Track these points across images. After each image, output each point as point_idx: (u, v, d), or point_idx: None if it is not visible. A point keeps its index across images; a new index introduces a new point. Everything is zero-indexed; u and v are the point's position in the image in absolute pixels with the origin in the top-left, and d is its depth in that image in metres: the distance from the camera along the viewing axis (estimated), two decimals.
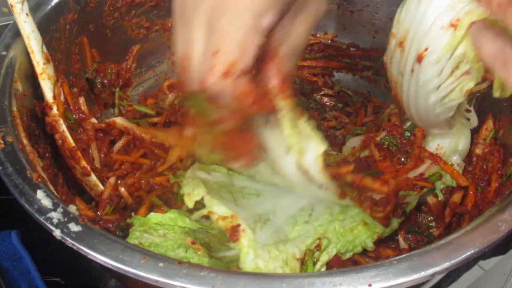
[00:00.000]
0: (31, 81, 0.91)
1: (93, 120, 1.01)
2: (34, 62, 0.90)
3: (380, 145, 0.98)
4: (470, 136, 0.93)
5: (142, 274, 0.62)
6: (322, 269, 0.80)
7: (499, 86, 0.71)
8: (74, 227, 0.67)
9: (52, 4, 0.98)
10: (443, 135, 0.91)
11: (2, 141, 0.76)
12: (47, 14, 0.97)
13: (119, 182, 0.98)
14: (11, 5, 0.88)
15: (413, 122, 0.91)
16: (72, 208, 0.70)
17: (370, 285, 0.60)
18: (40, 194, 0.70)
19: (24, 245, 0.82)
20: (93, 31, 1.07)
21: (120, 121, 1.04)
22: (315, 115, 1.18)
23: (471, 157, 0.94)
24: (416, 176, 0.92)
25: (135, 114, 1.11)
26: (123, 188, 0.97)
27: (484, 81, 0.75)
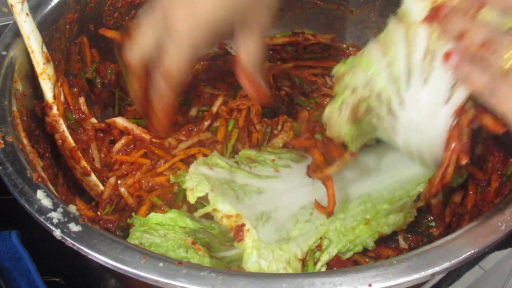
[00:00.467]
0: (31, 81, 0.91)
1: (93, 120, 1.01)
2: (34, 62, 0.90)
3: None
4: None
5: (142, 274, 0.62)
6: (323, 269, 0.80)
7: None
8: (74, 227, 0.67)
9: (52, 4, 0.98)
10: None
11: (2, 141, 0.76)
12: (47, 14, 0.97)
13: (119, 182, 0.98)
14: (11, 5, 0.88)
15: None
16: (72, 208, 0.70)
17: (370, 285, 0.60)
18: (40, 194, 0.70)
19: (24, 245, 0.82)
20: (93, 31, 1.07)
21: (120, 121, 1.04)
22: (315, 116, 1.17)
23: (471, 157, 0.93)
24: None
25: (135, 114, 1.11)
26: (123, 188, 0.97)
27: None
